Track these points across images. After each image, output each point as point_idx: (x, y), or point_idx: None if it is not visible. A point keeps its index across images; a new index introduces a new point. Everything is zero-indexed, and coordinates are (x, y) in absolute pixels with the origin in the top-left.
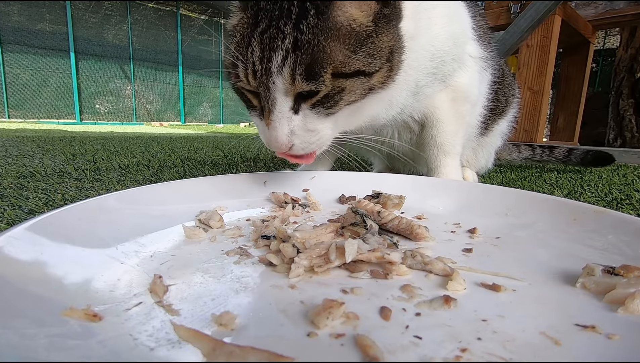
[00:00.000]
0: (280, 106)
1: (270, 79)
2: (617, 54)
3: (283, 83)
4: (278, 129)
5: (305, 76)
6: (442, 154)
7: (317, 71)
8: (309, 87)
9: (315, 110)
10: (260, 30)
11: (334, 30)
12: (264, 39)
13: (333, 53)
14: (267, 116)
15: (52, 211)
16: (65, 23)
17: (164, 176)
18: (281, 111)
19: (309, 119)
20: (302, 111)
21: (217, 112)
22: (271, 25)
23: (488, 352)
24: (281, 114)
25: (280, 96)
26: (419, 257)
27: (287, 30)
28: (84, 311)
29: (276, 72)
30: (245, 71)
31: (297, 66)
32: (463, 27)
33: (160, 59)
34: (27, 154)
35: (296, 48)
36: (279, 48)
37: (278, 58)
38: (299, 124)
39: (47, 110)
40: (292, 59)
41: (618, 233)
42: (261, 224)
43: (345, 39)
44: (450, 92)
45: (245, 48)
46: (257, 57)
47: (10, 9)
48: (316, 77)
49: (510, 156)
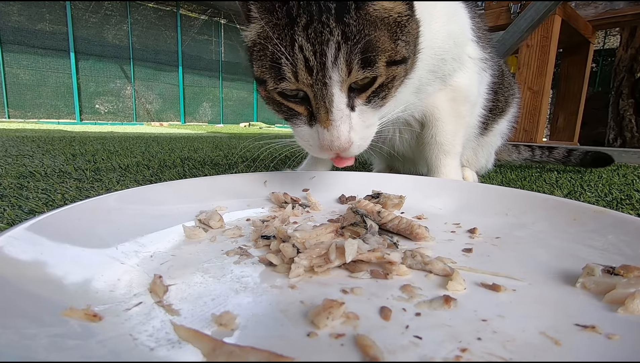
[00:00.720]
0: (338, 102)
1: (327, 73)
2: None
3: (339, 75)
4: (341, 128)
5: (362, 64)
6: (442, 154)
7: (373, 58)
8: (364, 74)
9: (371, 104)
10: (302, 25)
11: (378, 20)
12: (310, 34)
13: (383, 41)
14: (324, 118)
15: (52, 211)
16: (65, 23)
17: (164, 176)
18: (340, 109)
19: (365, 114)
20: (358, 107)
21: (217, 112)
22: (312, 20)
23: (488, 352)
24: (341, 112)
25: (337, 92)
26: (419, 257)
27: (332, 24)
28: (84, 311)
29: (331, 65)
30: (294, 69)
31: (353, 55)
32: (462, 27)
33: (160, 59)
34: (27, 154)
35: (347, 39)
36: (330, 41)
37: (332, 50)
38: (357, 121)
39: (47, 110)
40: (346, 49)
41: (618, 233)
42: (261, 224)
43: (390, 28)
44: (450, 92)
45: (290, 46)
46: (308, 52)
47: (10, 9)
48: (372, 64)
49: (509, 157)
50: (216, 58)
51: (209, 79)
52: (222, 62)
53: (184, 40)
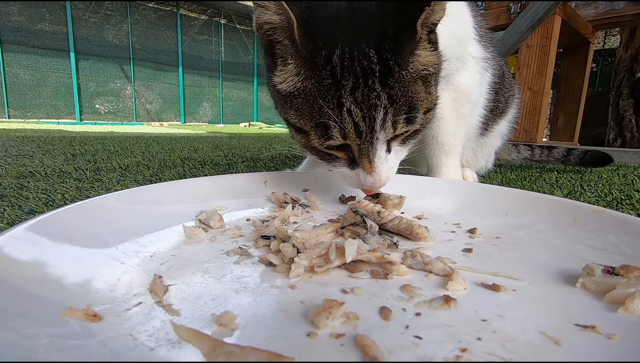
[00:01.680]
0: (380, 153)
1: (375, 136)
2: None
3: (385, 135)
4: (382, 172)
5: (406, 122)
6: (443, 154)
7: (414, 115)
8: (407, 129)
9: (405, 144)
10: (350, 89)
11: (417, 77)
12: (358, 98)
13: (421, 95)
14: (367, 166)
15: (52, 211)
16: (65, 23)
17: (164, 176)
18: (380, 158)
19: (400, 153)
20: (394, 148)
21: (217, 112)
22: (359, 84)
23: (488, 352)
24: (381, 160)
25: (381, 146)
26: (419, 257)
27: (378, 88)
28: (84, 311)
29: (379, 128)
30: (343, 131)
31: (398, 118)
32: (465, 26)
33: (160, 59)
34: (27, 154)
35: (392, 103)
36: (378, 106)
37: (380, 115)
38: (392, 160)
39: (47, 110)
40: (392, 112)
41: (618, 233)
42: (261, 224)
43: (426, 80)
44: (452, 92)
45: (338, 109)
46: (358, 118)
47: (10, 9)
48: (413, 120)
49: (509, 156)
50: (216, 58)
51: (209, 79)
52: (222, 62)
53: (184, 40)
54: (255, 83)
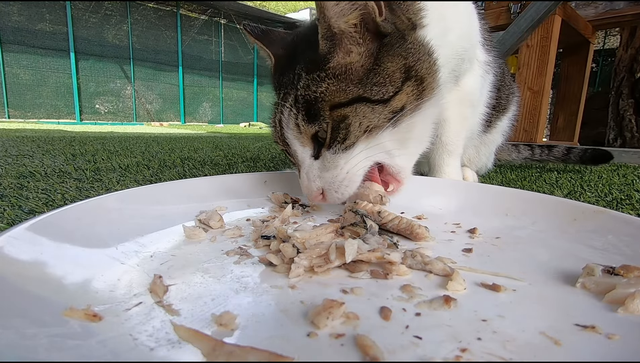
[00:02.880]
0: (302, 156)
1: (285, 135)
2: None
3: (293, 133)
4: (306, 179)
5: (308, 119)
6: (446, 154)
7: (316, 110)
8: (315, 127)
9: (332, 149)
10: (276, 101)
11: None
12: (278, 106)
13: (327, 92)
14: (298, 169)
15: (52, 211)
16: (65, 23)
17: (164, 176)
18: (304, 162)
19: (327, 160)
20: (322, 155)
21: (217, 112)
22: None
23: (488, 352)
24: (305, 164)
25: (298, 147)
26: (419, 257)
27: (291, 93)
28: (84, 311)
29: (285, 126)
30: (274, 134)
31: (299, 113)
32: (475, 28)
33: (160, 59)
34: (27, 154)
35: (296, 102)
36: (285, 107)
37: (285, 114)
38: (319, 167)
39: (47, 110)
40: (295, 110)
41: (618, 233)
42: (261, 224)
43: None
44: (458, 93)
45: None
46: (277, 120)
47: (10, 9)
48: (317, 116)
49: (509, 157)
50: (216, 58)
51: (209, 79)
52: (222, 62)
53: (184, 40)
54: (255, 83)
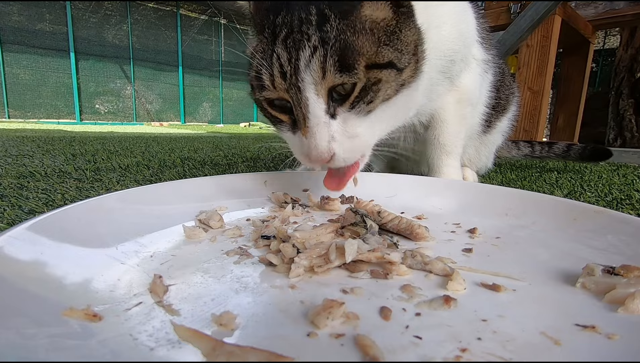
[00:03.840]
0: (314, 108)
1: (299, 77)
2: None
3: (313, 78)
4: (317, 135)
5: (339, 67)
6: (445, 155)
7: (350, 62)
8: (342, 79)
9: (355, 110)
10: (282, 38)
11: (359, 27)
12: (288, 43)
13: (363, 45)
14: (303, 125)
15: (52, 211)
16: (65, 23)
17: (164, 176)
18: (317, 115)
19: (350, 122)
20: (340, 115)
21: (217, 112)
22: (293, 32)
23: (488, 352)
24: (317, 118)
25: (312, 96)
26: (419, 257)
27: (311, 32)
28: (84, 311)
29: (304, 67)
30: (271, 76)
31: (328, 57)
32: (470, 28)
33: (160, 59)
34: (27, 154)
35: (324, 43)
36: (306, 46)
37: (306, 54)
38: (338, 129)
39: (47, 110)
40: (321, 53)
41: (618, 233)
42: (261, 224)
43: (373, 33)
44: (456, 93)
45: (270, 57)
46: (284, 59)
47: (10, 9)
48: (350, 68)
49: (509, 154)
50: (216, 58)
51: (209, 79)
52: (222, 62)
53: (184, 40)
54: None
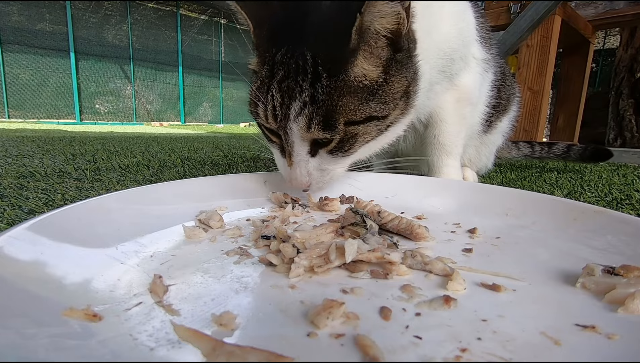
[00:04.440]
0: (298, 150)
1: (288, 125)
2: (617, 54)
3: (299, 130)
4: (297, 171)
5: (322, 127)
6: (444, 154)
7: (332, 122)
8: (324, 135)
9: (332, 155)
10: (279, 79)
11: (345, 88)
12: (283, 87)
13: (346, 106)
14: (288, 158)
15: (52, 211)
16: (65, 23)
17: (164, 176)
18: (299, 155)
19: (327, 161)
20: (319, 155)
21: (217, 112)
22: (289, 77)
23: (488, 352)
24: (300, 157)
25: (298, 141)
26: (419, 257)
27: (305, 86)
28: (84, 311)
29: (293, 119)
30: (265, 112)
31: (314, 117)
32: (469, 27)
33: (160, 59)
34: (27, 154)
35: (313, 102)
36: (297, 99)
37: (296, 107)
38: (315, 166)
39: (47, 110)
40: (309, 111)
41: (618, 233)
42: (261, 224)
43: (356, 93)
44: (455, 92)
45: (266, 92)
46: (277, 102)
47: (10, 9)
48: (331, 127)
49: (509, 154)
50: (216, 58)
51: (209, 79)
52: (222, 62)
53: (184, 40)
54: None
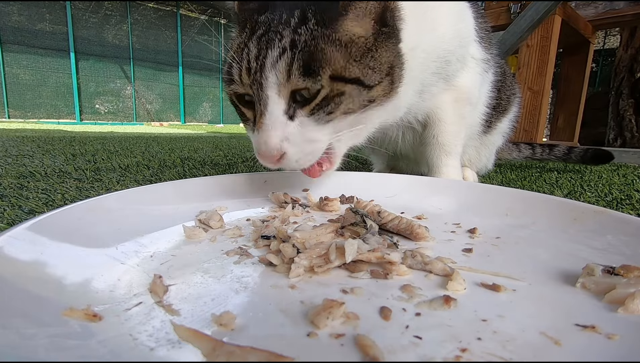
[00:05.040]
0: (273, 106)
1: (264, 74)
2: (617, 54)
3: (277, 78)
4: (270, 131)
5: (303, 72)
6: (444, 154)
7: (315, 69)
8: (304, 84)
9: (314, 116)
10: (258, 35)
11: (334, 37)
12: (261, 41)
13: (333, 56)
14: (258, 120)
15: (52, 211)
16: (65, 23)
17: (164, 176)
18: (274, 114)
19: (308, 127)
20: (299, 118)
21: (217, 112)
22: (269, 30)
23: (488, 352)
24: (274, 116)
25: (273, 95)
26: (419, 257)
27: (286, 33)
28: (84, 311)
29: (270, 66)
30: (240, 70)
31: (294, 61)
32: (468, 27)
33: (160, 59)
34: (27, 154)
35: (293, 46)
36: (276, 46)
37: (274, 54)
38: (294, 131)
39: (47, 110)
40: (289, 55)
41: (618, 233)
42: (261, 224)
43: (345, 46)
44: (453, 92)
45: (241, 51)
46: (252, 55)
47: (10, 9)
48: (314, 75)
49: (510, 156)
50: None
51: (209, 79)
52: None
53: (184, 40)
54: None
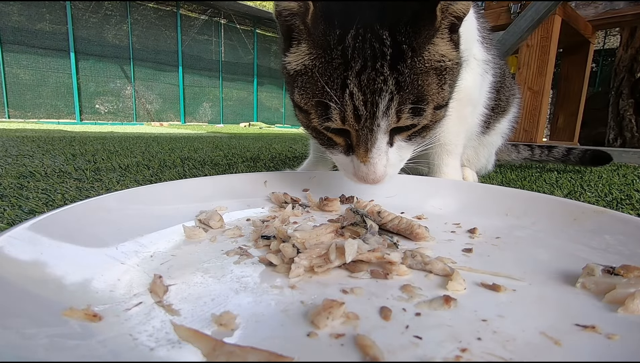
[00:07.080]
0: (380, 143)
1: (375, 122)
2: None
3: (388, 124)
4: (378, 164)
5: (412, 113)
6: (445, 154)
7: (422, 107)
8: (413, 122)
9: (412, 140)
10: (356, 72)
11: (430, 66)
12: (363, 81)
13: (432, 88)
14: (363, 154)
15: (52, 211)
16: (65, 23)
17: (164, 176)
18: (379, 149)
19: (404, 149)
20: (397, 143)
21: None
22: (366, 67)
23: (488, 352)
24: (380, 151)
25: (381, 135)
26: (419, 257)
27: (386, 72)
28: (84, 311)
29: (382, 115)
30: (342, 114)
31: (404, 106)
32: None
33: (160, 59)
34: (27, 154)
35: (400, 89)
36: (384, 91)
37: (384, 101)
38: (394, 156)
39: (47, 110)
40: (398, 100)
41: (618, 233)
42: (261, 224)
43: (440, 74)
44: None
45: (340, 90)
46: (359, 101)
47: (10, 9)
48: (421, 113)
49: (509, 157)
50: (216, 58)
51: (209, 79)
52: (222, 62)
53: (184, 40)
54: (255, 83)
